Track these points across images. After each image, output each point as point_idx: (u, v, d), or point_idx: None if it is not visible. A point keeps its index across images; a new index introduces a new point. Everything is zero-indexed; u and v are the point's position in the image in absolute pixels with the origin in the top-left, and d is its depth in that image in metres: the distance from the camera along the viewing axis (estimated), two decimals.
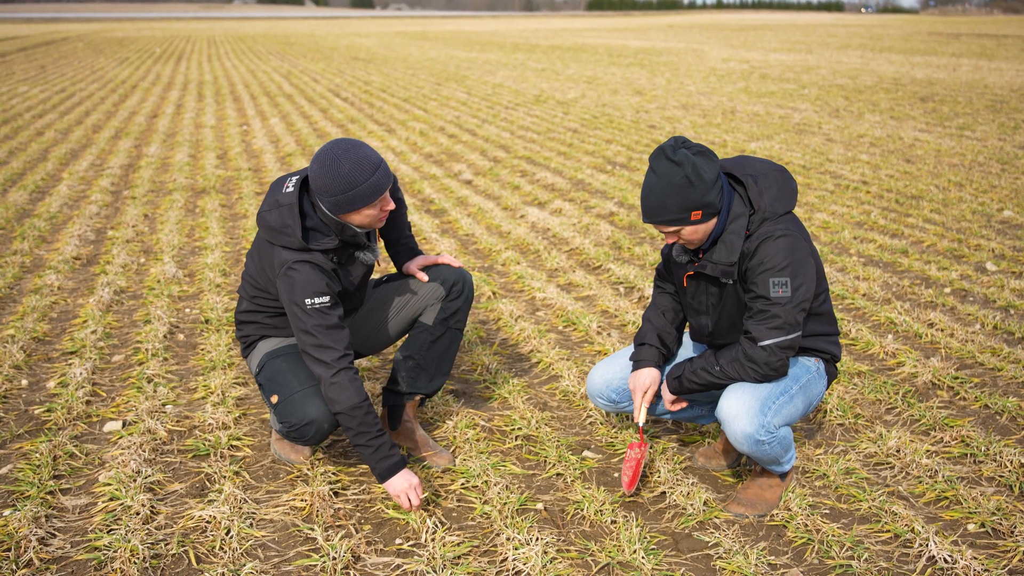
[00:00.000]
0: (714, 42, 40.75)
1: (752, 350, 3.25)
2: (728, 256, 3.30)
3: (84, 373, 4.69)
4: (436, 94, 19.17)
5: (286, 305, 3.41)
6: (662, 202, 3.21)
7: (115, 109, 16.32)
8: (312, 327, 3.36)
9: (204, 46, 38.81)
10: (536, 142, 12.65)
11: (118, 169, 10.46)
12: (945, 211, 8.48)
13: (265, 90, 19.81)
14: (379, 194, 3.39)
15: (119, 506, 3.50)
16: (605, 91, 19.82)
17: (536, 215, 8.16)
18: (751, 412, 3.23)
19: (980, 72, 24.77)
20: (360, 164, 3.34)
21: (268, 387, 3.62)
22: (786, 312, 3.22)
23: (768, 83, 21.58)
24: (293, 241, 3.41)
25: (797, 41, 41.18)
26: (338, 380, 3.33)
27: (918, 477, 3.77)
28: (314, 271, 3.39)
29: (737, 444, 3.29)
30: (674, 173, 3.19)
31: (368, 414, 3.35)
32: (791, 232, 3.27)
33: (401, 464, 3.40)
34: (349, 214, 3.43)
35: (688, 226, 3.24)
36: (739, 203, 3.33)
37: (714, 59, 30.02)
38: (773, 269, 3.21)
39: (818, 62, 28.58)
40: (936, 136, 13.42)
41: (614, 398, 3.71)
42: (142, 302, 5.88)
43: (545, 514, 3.51)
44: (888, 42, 40.43)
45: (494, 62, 29.12)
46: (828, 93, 19.29)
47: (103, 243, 7.32)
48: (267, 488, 3.70)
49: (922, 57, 30.68)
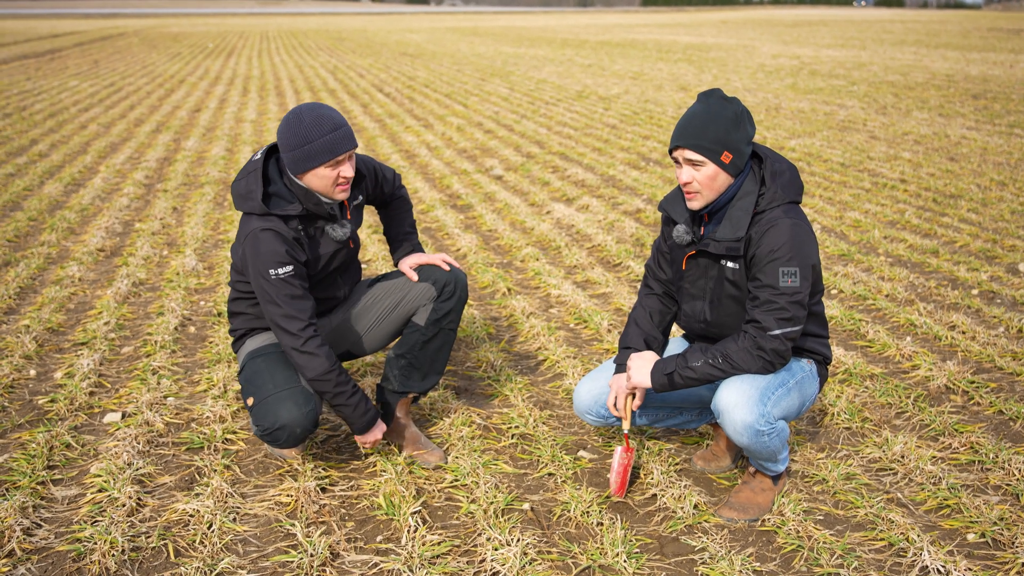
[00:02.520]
0: (766, 38, 40.26)
1: (762, 339, 3.17)
2: (734, 232, 3.23)
3: (91, 364, 4.72)
4: (478, 89, 19.15)
5: (252, 278, 3.43)
6: (703, 127, 3.16)
7: (159, 103, 16.53)
8: (277, 297, 3.38)
9: (256, 41, 39.20)
10: (572, 138, 12.57)
11: (154, 163, 10.58)
12: (983, 211, 8.27)
13: (310, 85, 19.94)
14: (333, 153, 3.37)
15: (106, 498, 3.51)
16: (649, 87, 19.66)
17: (562, 211, 8.10)
18: (751, 401, 3.15)
19: None
20: (319, 120, 3.37)
21: (245, 388, 3.60)
22: (793, 303, 3.14)
23: (816, 79, 21.25)
24: (255, 205, 3.43)
25: (851, 37, 40.52)
26: (307, 348, 3.38)
27: (920, 484, 3.65)
28: (276, 239, 3.39)
29: (736, 435, 3.20)
30: (725, 107, 3.18)
31: (340, 375, 3.44)
32: (801, 222, 3.20)
33: (376, 416, 3.62)
34: (306, 174, 3.42)
35: (713, 166, 3.18)
36: (751, 181, 3.28)
37: (764, 55, 29.64)
38: (783, 258, 3.14)
39: (871, 58, 28.09)
40: (984, 134, 13.10)
41: (603, 413, 3.61)
42: (159, 294, 5.92)
43: (531, 514, 3.46)
44: (945, 38, 39.63)
45: (541, 58, 29.04)
46: (877, 90, 18.94)
47: (129, 235, 7.39)
48: (255, 483, 3.69)
49: (979, 54, 30.02)
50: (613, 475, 3.57)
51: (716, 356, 3.24)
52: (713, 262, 3.38)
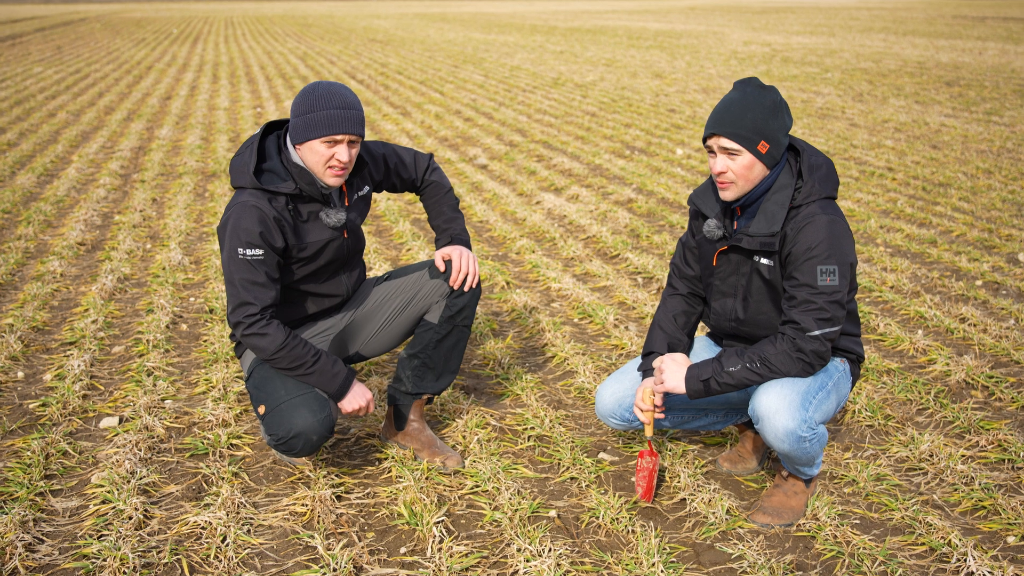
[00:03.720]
0: (735, 24, 40.25)
1: (802, 340, 3.04)
2: (768, 227, 3.10)
3: (82, 365, 4.53)
4: (453, 76, 18.94)
5: (221, 251, 3.30)
6: (741, 115, 3.04)
7: (129, 91, 16.18)
8: (238, 279, 3.24)
9: (222, 27, 38.64)
10: (553, 126, 12.42)
11: (128, 152, 10.31)
12: (974, 199, 8.23)
13: (281, 72, 19.63)
14: (331, 129, 3.24)
15: (111, 509, 3.33)
16: (624, 74, 19.54)
17: (552, 201, 7.96)
18: (793, 407, 3.03)
19: (1007, 56, 24.31)
20: (330, 95, 3.27)
21: (256, 396, 3.44)
22: (832, 302, 3.02)
23: (790, 67, 21.23)
24: (247, 179, 3.29)
25: (819, 24, 40.61)
26: (252, 330, 3.23)
27: (953, 484, 3.56)
28: (256, 217, 3.24)
29: (777, 442, 3.08)
30: (762, 95, 3.07)
31: (296, 346, 3.27)
32: (838, 218, 3.08)
33: (351, 376, 3.38)
34: (303, 146, 3.30)
35: (749, 155, 3.05)
36: (787, 174, 3.15)
37: (735, 42, 29.60)
38: (821, 256, 3.02)
39: (841, 45, 28.14)
40: (963, 121, 13.11)
41: (627, 417, 3.46)
42: (146, 290, 5.72)
43: (558, 522, 3.32)
44: (912, 25, 39.82)
45: (512, 44, 28.82)
46: (851, 77, 18.95)
47: (109, 228, 7.16)
48: (267, 491, 3.52)
49: (947, 41, 30.17)
50: (639, 479, 3.45)
51: (754, 360, 3.10)
52: (745, 258, 3.26)
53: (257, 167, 3.37)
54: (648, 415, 3.33)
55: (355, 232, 3.60)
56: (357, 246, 3.65)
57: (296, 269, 3.47)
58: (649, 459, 3.42)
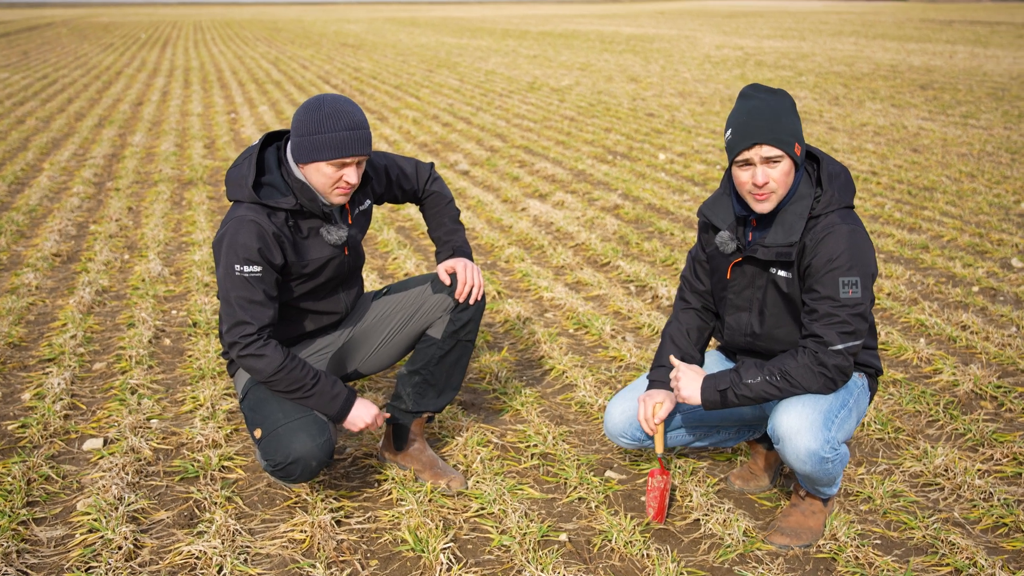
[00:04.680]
0: (706, 29, 40.35)
1: (824, 355, 2.92)
2: (786, 237, 2.97)
3: (62, 383, 4.34)
4: (428, 81, 18.78)
5: (217, 267, 3.13)
6: (775, 119, 2.90)
7: (99, 96, 15.90)
8: (234, 297, 3.07)
9: (190, 32, 38.25)
10: (533, 131, 12.30)
11: (101, 159, 10.08)
12: (961, 203, 8.19)
13: (253, 77, 19.38)
14: (340, 152, 3.07)
15: (99, 539, 3.15)
16: (599, 78, 19.46)
17: (538, 208, 7.83)
18: (815, 427, 2.91)
19: (977, 59, 24.50)
20: (338, 114, 3.08)
21: (251, 419, 3.27)
22: (855, 315, 2.90)
23: (764, 70, 21.26)
24: (245, 193, 3.12)
25: (789, 28, 40.81)
26: (248, 351, 3.06)
27: (971, 500, 3.46)
28: (254, 233, 3.07)
29: (798, 463, 2.96)
30: (781, 98, 2.95)
31: (295, 368, 3.10)
32: (859, 227, 2.96)
33: (352, 397, 3.21)
34: (308, 165, 3.13)
35: (788, 160, 2.91)
36: (806, 183, 3.02)
37: (707, 46, 29.66)
38: (843, 268, 2.90)
39: (812, 49, 28.26)
40: (940, 124, 13.14)
41: (639, 436, 3.33)
42: (125, 303, 5.53)
43: (570, 546, 3.19)
44: (881, 29, 40.11)
45: (485, 48, 28.70)
46: (826, 80, 18.98)
47: (85, 238, 6.96)
48: (262, 516, 3.36)
49: (917, 44, 30.39)
50: (650, 500, 3.32)
51: (774, 373, 2.98)
52: (761, 270, 3.14)
53: (256, 180, 3.21)
54: (654, 428, 3.21)
55: (356, 248, 3.45)
56: (357, 263, 3.50)
57: (295, 287, 3.32)
58: (660, 478, 3.30)
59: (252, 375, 3.16)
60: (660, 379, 3.30)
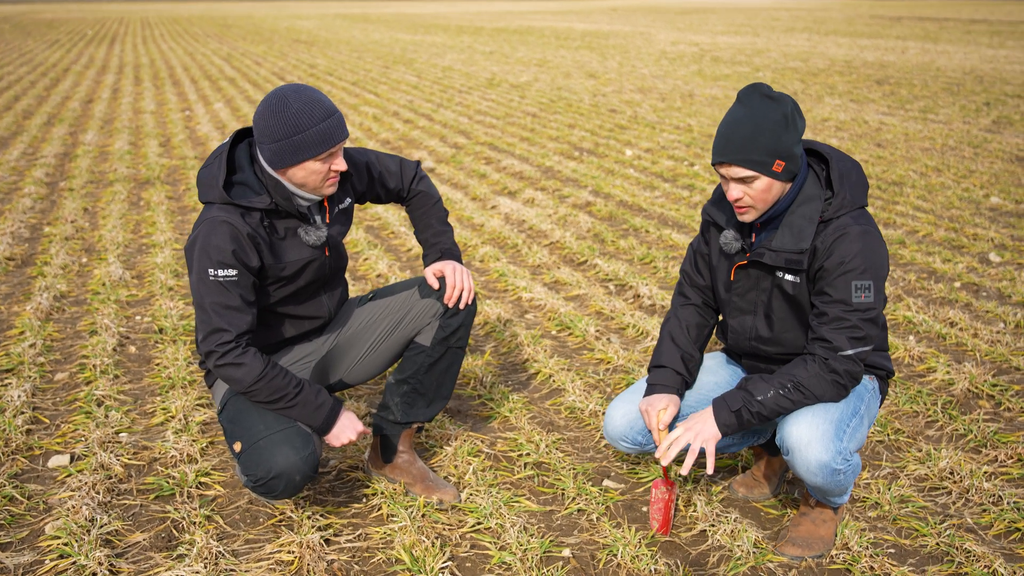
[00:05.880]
0: (660, 25, 40.40)
1: (834, 361, 2.79)
2: (795, 243, 2.83)
3: (23, 396, 4.10)
4: (385, 77, 18.53)
5: (190, 273, 2.94)
6: (752, 137, 2.72)
7: (47, 94, 15.46)
8: (209, 304, 2.88)
9: (138, 28, 37.54)
10: (496, 127, 12.13)
11: (53, 158, 9.74)
12: (931, 198, 8.16)
13: (206, 73, 19.00)
14: (327, 145, 2.89)
15: (71, 565, 2.95)
16: (558, 74, 19.33)
17: (509, 206, 7.66)
18: (826, 437, 2.78)
19: (929, 55, 24.72)
20: (309, 106, 2.87)
21: (230, 432, 3.07)
22: (866, 320, 2.78)
23: (721, 66, 21.26)
24: (216, 194, 2.93)
25: (742, 24, 40.99)
26: (226, 360, 2.87)
27: (981, 504, 3.36)
28: (228, 235, 2.89)
29: (809, 475, 2.83)
30: (771, 110, 2.74)
31: (276, 376, 2.92)
32: (872, 228, 2.83)
33: (337, 407, 3.04)
34: (292, 167, 2.93)
35: (766, 178, 2.76)
36: (813, 183, 2.87)
37: (663, 42, 29.65)
38: (856, 271, 2.76)
39: (767, 45, 28.36)
40: (900, 119, 13.17)
41: (640, 440, 3.18)
42: (86, 308, 5.28)
43: (574, 562, 3.03)
44: (832, 25, 40.41)
45: (440, 45, 28.45)
46: (783, 76, 19.01)
47: (39, 241, 6.67)
48: (245, 536, 3.17)
49: (869, 40, 30.63)
50: (654, 511, 3.18)
51: (785, 384, 2.85)
52: (766, 273, 3.00)
53: (227, 180, 3.02)
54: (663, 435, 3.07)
55: (337, 249, 3.26)
56: (339, 263, 3.31)
57: (272, 291, 3.12)
58: (665, 489, 3.16)
59: (231, 385, 2.97)
60: (660, 382, 3.16)
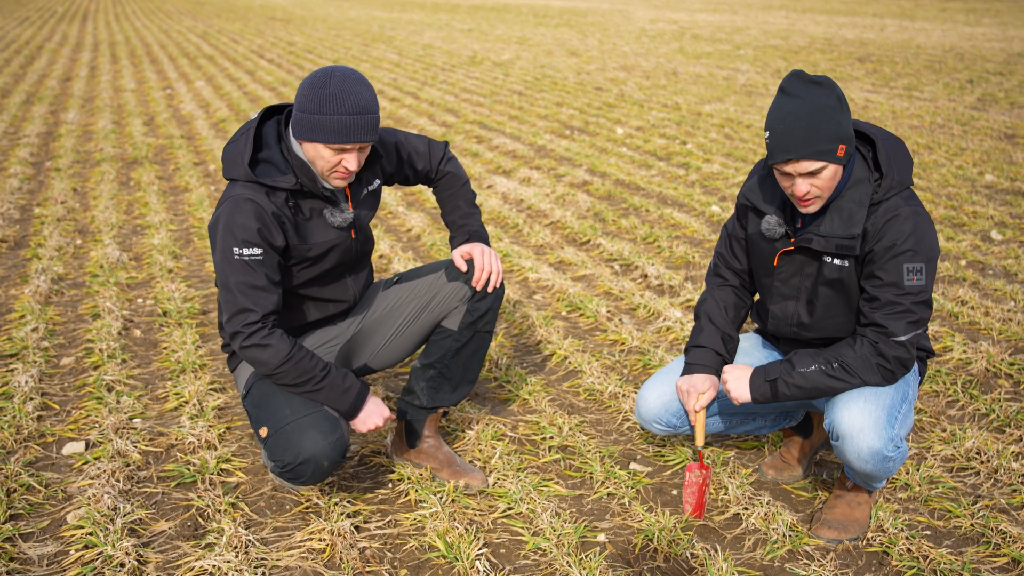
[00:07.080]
0: (638, 2, 40.22)
1: (886, 346, 2.75)
2: (846, 228, 2.78)
3: (30, 381, 4.01)
4: (365, 55, 18.34)
5: (213, 252, 2.87)
6: (814, 128, 2.64)
7: (23, 72, 15.17)
8: (234, 283, 2.82)
9: (109, 5, 36.96)
10: (484, 106, 12.02)
11: (36, 138, 9.55)
12: (927, 175, 8.16)
13: (183, 51, 18.72)
14: (342, 138, 2.82)
15: (97, 556, 2.87)
16: (539, 52, 19.21)
17: (505, 185, 7.59)
18: (879, 424, 2.74)
19: (907, 32, 24.79)
20: (344, 95, 2.80)
21: (256, 416, 3.01)
22: (919, 303, 2.74)
23: (702, 44, 21.21)
24: (241, 171, 2.87)
25: (720, 1, 40.92)
26: (252, 341, 2.81)
27: (1011, 485, 3.35)
28: (253, 213, 2.83)
29: (859, 463, 2.79)
30: (823, 95, 2.67)
31: (303, 359, 2.86)
32: (921, 209, 2.79)
33: (365, 391, 2.99)
34: (305, 142, 2.87)
35: (833, 164, 2.70)
36: (861, 166, 2.81)
37: (641, 19, 29.55)
38: (907, 253, 2.72)
39: (746, 22, 28.33)
40: (886, 97, 13.18)
41: (674, 423, 3.15)
42: (86, 291, 5.17)
43: (611, 548, 2.99)
44: (808, 2, 40.41)
45: (418, 22, 28.20)
46: (765, 54, 18.99)
47: (31, 222, 6.53)
48: (273, 524, 3.10)
49: (846, 17, 30.67)
50: (687, 495, 3.14)
51: (831, 363, 2.81)
52: (812, 259, 2.95)
53: (253, 157, 2.94)
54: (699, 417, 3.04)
55: (364, 231, 3.19)
56: (366, 247, 3.24)
57: (297, 272, 3.05)
58: (699, 472, 3.12)
59: (256, 367, 2.90)
60: (701, 362, 3.12)
